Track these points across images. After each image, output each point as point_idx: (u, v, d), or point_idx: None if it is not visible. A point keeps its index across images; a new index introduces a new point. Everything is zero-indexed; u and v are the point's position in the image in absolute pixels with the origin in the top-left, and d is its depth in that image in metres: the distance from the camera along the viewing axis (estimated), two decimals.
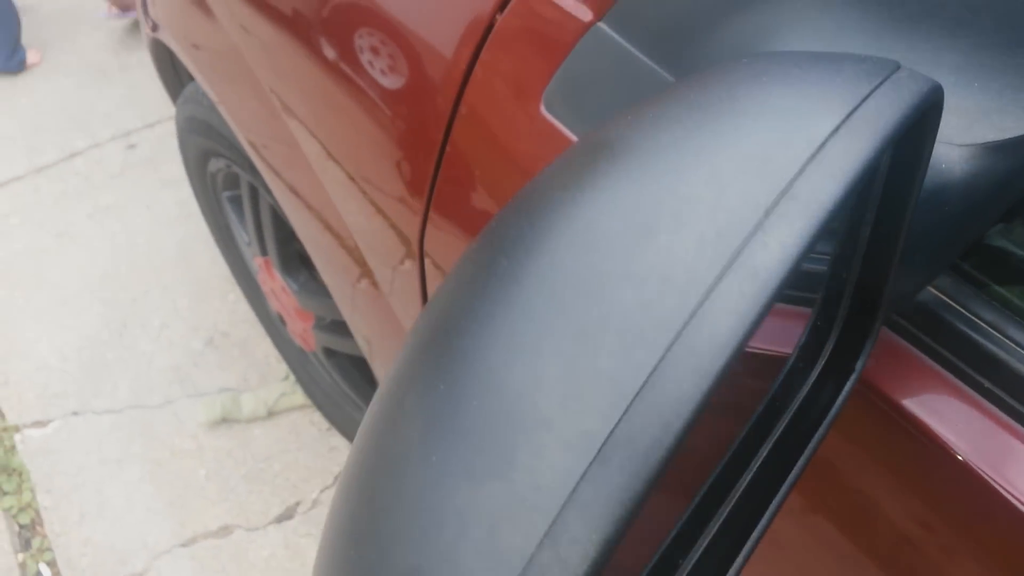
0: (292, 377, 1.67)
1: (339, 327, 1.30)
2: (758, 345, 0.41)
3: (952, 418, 0.41)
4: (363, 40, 0.73)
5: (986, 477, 0.40)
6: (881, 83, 0.27)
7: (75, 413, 1.68)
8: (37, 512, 1.56)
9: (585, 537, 0.19)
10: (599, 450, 0.20)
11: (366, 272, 0.93)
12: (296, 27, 0.81)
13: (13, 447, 1.64)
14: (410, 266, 0.79)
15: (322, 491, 1.56)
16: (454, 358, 0.23)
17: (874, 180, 0.32)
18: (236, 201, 1.49)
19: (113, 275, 1.91)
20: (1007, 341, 0.41)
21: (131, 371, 1.75)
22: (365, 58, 0.73)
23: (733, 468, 0.34)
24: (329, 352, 1.43)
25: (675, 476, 0.32)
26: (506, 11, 0.61)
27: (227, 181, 1.45)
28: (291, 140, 0.93)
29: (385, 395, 0.25)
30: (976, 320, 0.41)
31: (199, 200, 1.61)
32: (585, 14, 0.55)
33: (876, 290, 0.36)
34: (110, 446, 1.64)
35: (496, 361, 0.22)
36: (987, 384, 0.41)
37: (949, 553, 0.44)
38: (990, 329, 0.41)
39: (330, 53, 0.77)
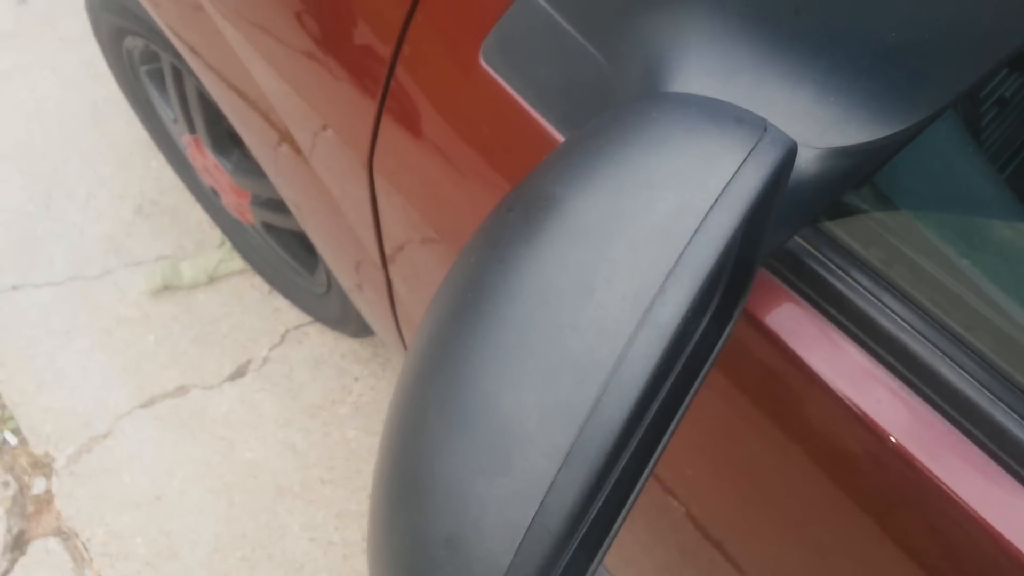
0: (228, 244, 1.74)
1: (278, 205, 1.36)
2: None
3: (803, 334, 0.55)
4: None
5: (818, 373, 0.54)
6: (750, 152, 0.38)
7: (14, 288, 1.72)
8: None
9: (560, 510, 0.31)
10: (566, 456, 0.32)
11: (287, 137, 1.00)
12: None
13: None
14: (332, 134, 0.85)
15: (271, 349, 1.68)
16: (461, 385, 0.34)
17: (749, 213, 0.43)
18: (156, 75, 1.49)
19: (28, 144, 1.88)
20: (849, 279, 0.54)
21: (64, 243, 1.77)
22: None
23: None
24: (268, 226, 1.49)
25: None
26: None
27: (145, 56, 1.44)
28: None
29: (408, 402, 0.37)
30: (827, 262, 0.54)
31: (114, 73, 1.59)
32: None
33: (750, 264, 0.48)
34: (56, 318, 1.70)
35: (492, 389, 0.34)
36: (833, 312, 0.55)
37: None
38: (837, 269, 0.54)
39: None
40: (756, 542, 0.71)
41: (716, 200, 0.36)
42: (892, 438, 0.52)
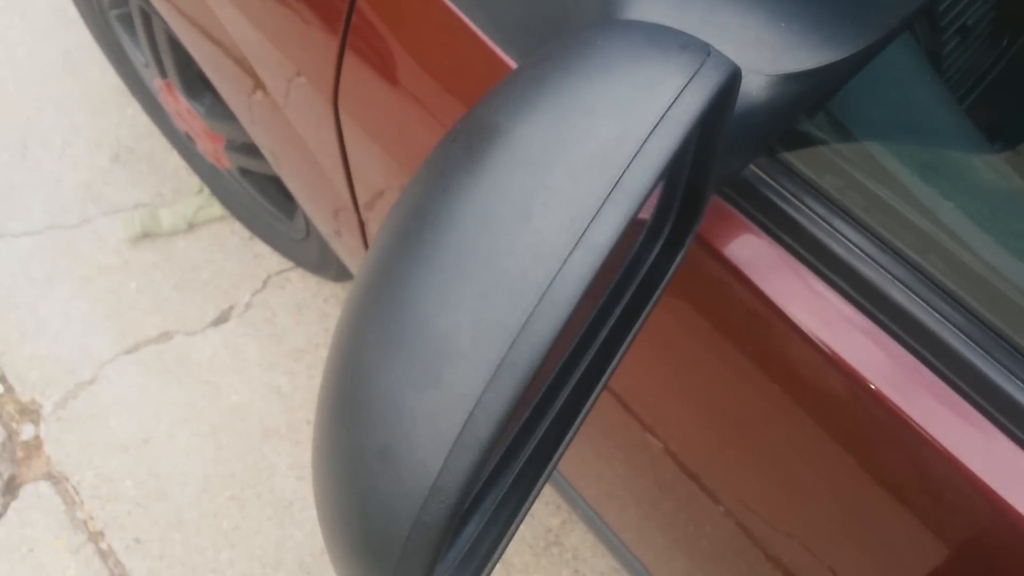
0: (207, 190, 1.73)
1: (252, 149, 1.35)
2: None
3: (757, 264, 0.56)
4: None
5: (769, 296, 0.55)
6: (692, 77, 0.38)
7: None
8: None
9: (488, 420, 0.32)
10: (495, 371, 0.33)
11: (260, 85, 0.98)
12: None
13: None
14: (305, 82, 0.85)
15: (253, 295, 1.69)
16: (400, 308, 0.35)
17: (689, 137, 0.43)
18: (126, 19, 1.46)
19: (0, 93, 1.85)
20: (801, 205, 0.54)
21: (41, 192, 1.76)
22: None
23: (595, 327, 0.48)
24: (244, 171, 1.48)
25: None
26: None
27: (114, 1, 1.41)
28: None
29: (350, 325, 0.37)
30: (780, 189, 0.55)
31: (85, 18, 1.56)
32: None
33: (701, 191, 0.48)
34: (35, 267, 1.69)
35: (429, 311, 0.34)
36: (787, 239, 0.55)
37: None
38: (789, 195, 0.55)
39: None
40: (730, 470, 0.73)
41: (655, 125, 0.36)
42: (845, 360, 0.53)
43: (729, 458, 0.72)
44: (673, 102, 0.37)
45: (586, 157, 0.36)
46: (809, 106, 0.50)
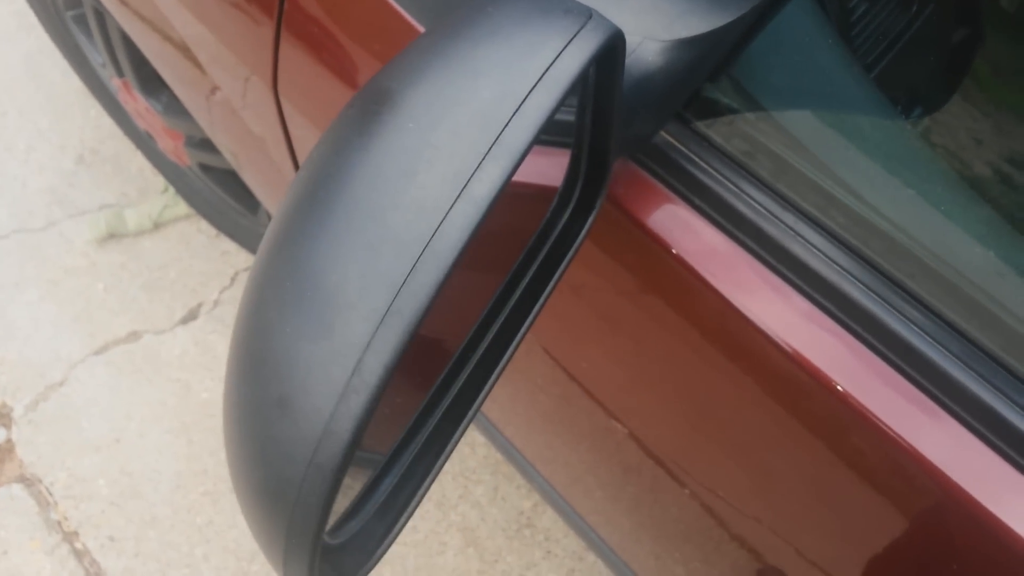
0: (172, 189, 1.74)
1: (212, 144, 1.36)
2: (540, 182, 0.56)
3: (671, 225, 0.58)
4: None
5: (689, 261, 0.57)
6: (571, 39, 0.40)
7: None
8: None
9: (376, 366, 0.34)
10: (382, 319, 0.35)
11: (205, 76, 0.99)
12: None
13: None
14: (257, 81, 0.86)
15: (221, 291, 1.70)
16: (295, 265, 0.37)
17: (585, 94, 0.45)
18: (82, 20, 1.47)
19: None
20: (710, 169, 0.56)
21: (7, 196, 1.76)
22: None
23: (508, 290, 0.50)
24: (205, 167, 1.50)
25: (452, 318, 0.47)
26: None
27: (69, 1, 1.42)
28: None
29: (253, 285, 0.39)
30: (690, 154, 0.57)
31: (42, 21, 1.56)
32: None
33: (604, 155, 0.50)
34: (3, 271, 1.70)
35: (321, 266, 0.36)
36: (697, 201, 0.57)
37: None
38: (699, 160, 0.57)
39: None
40: (693, 451, 0.74)
41: (534, 85, 0.38)
42: (749, 316, 0.55)
43: (690, 437, 0.73)
44: (552, 63, 0.39)
45: (468, 116, 0.37)
46: (708, 70, 0.52)
